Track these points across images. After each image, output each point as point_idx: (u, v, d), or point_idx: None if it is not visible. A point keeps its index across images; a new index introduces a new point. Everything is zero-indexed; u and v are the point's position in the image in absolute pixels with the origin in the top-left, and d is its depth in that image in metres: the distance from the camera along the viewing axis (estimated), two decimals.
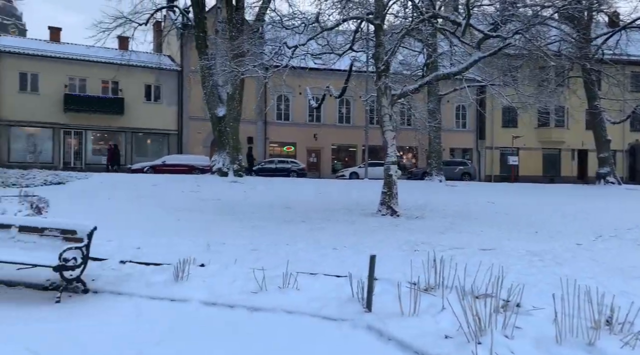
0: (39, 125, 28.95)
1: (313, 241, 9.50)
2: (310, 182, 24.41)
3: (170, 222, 11.41)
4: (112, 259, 7.01)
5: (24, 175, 18.32)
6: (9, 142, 28.24)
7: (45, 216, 10.93)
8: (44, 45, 31.15)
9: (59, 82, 29.29)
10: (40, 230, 5.57)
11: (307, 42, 15.07)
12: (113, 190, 16.91)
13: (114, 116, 30.56)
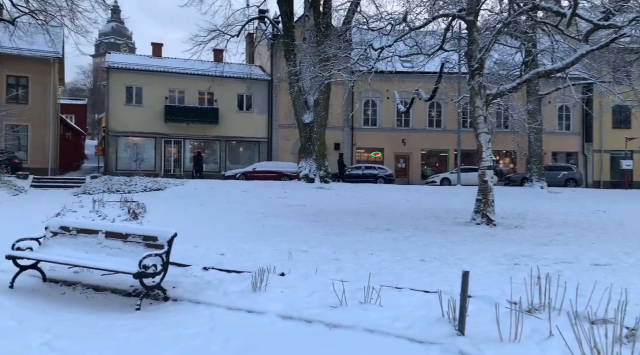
0: (143, 135, 31.05)
1: (399, 251, 8.95)
2: (398, 188, 23.69)
3: (256, 228, 11.43)
4: (196, 265, 7.01)
5: (127, 182, 19.58)
6: (117, 152, 30.58)
7: (140, 221, 11.43)
8: (147, 60, 33.48)
9: (160, 95, 31.26)
10: (124, 236, 5.63)
11: (394, 44, 14.55)
12: (206, 196, 17.50)
13: (210, 125, 31.97)
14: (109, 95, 30.84)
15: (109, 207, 13.79)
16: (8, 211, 13.27)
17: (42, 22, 23.19)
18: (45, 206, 14.01)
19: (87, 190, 18.15)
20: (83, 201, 14.94)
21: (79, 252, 5.68)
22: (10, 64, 26.95)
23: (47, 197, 16.93)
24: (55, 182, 22.01)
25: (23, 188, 18.38)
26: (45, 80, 28.84)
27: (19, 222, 11.16)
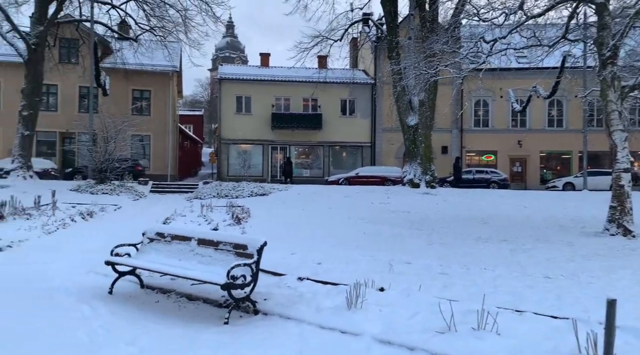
0: (251, 143, 32.20)
1: (517, 266, 7.86)
2: (514, 194, 21.77)
3: (356, 235, 10.91)
4: (291, 274, 6.64)
5: (235, 187, 20.19)
6: (228, 159, 32.04)
7: (243, 226, 11.46)
8: (255, 70, 34.75)
9: (267, 103, 32.22)
10: (215, 243, 5.41)
11: (509, 35, 13.22)
12: (308, 201, 17.39)
13: (313, 131, 32.25)
14: (221, 105, 32.44)
15: (217, 211, 14.15)
16: (127, 215, 14.17)
17: (160, 37, 24.97)
18: (160, 210, 14.77)
19: (199, 196, 18.97)
20: (194, 206, 15.53)
21: (172, 259, 5.57)
22: (134, 79, 29.41)
23: (163, 202, 17.95)
24: (172, 188, 23.47)
25: (143, 193, 19.73)
26: (165, 92, 31.11)
27: (133, 225, 11.78)
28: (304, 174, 32.71)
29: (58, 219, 11.58)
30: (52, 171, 25.97)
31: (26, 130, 20.60)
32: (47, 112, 28.49)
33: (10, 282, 5.95)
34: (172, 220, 11.74)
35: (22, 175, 19.85)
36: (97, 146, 20.18)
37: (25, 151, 20.61)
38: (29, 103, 20.71)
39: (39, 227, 10.23)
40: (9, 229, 9.74)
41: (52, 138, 29.17)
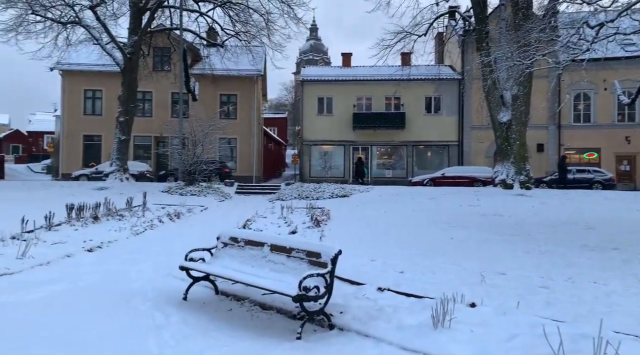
0: (333, 143, 32.07)
1: (634, 280, 6.78)
2: (622, 195, 19.58)
3: (442, 240, 10.17)
4: (370, 284, 6.16)
5: (316, 188, 20.05)
6: (310, 160, 32.17)
7: (322, 228, 11.15)
8: (337, 71, 34.62)
9: (349, 103, 31.92)
10: (288, 250, 5.08)
11: (617, 19, 11.73)
12: (390, 203, 16.78)
13: (396, 130, 31.44)
14: (303, 106, 32.66)
15: (297, 213, 14.02)
16: (212, 216, 14.47)
17: (245, 42, 25.55)
18: (243, 212, 14.93)
19: (281, 197, 19.05)
20: (275, 207, 15.54)
21: (245, 266, 5.33)
22: (221, 84, 30.44)
23: (247, 203, 18.23)
24: (256, 189, 23.89)
25: (229, 194, 20.21)
26: (250, 96, 31.88)
27: (217, 226, 11.91)
28: (386, 174, 32.01)
29: (147, 220, 12.01)
30: (147, 173, 27.55)
31: (123, 135, 21.98)
32: (143, 117, 30.34)
33: (92, 284, 6.05)
34: (253, 222, 11.72)
35: (119, 178, 21.19)
36: (186, 149, 21.02)
37: (122, 155, 22.03)
38: (125, 109, 22.08)
39: (128, 228, 10.62)
40: (101, 230, 10.20)
41: (148, 142, 31.00)
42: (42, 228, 9.65)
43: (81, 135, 30.95)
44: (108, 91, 30.04)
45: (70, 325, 4.51)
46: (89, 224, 10.88)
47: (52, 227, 9.86)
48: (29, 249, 7.40)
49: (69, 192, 18.05)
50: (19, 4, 20.77)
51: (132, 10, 22.91)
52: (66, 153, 31.00)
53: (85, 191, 18.30)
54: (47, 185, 20.64)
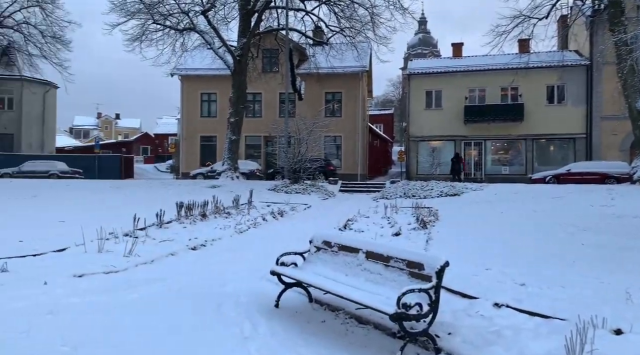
0: (442, 139, 30.54)
1: None
2: None
3: (571, 246, 8.82)
4: (485, 298, 5.33)
5: (423, 186, 19.06)
6: (417, 157, 30.97)
7: (429, 231, 10.34)
8: (446, 62, 32.93)
9: (459, 95, 30.18)
10: (385, 258, 4.48)
11: None
12: (506, 202, 15.33)
13: (513, 123, 29.06)
14: (410, 101, 31.54)
15: (402, 213, 13.29)
16: (314, 214, 14.27)
17: (350, 38, 25.21)
18: (345, 210, 14.53)
19: (385, 195, 18.38)
20: (379, 206, 14.93)
21: (338, 274, 4.83)
22: (326, 82, 30.43)
23: (350, 201, 17.83)
24: (360, 187, 23.46)
25: (332, 193, 20.00)
26: (355, 93, 31.52)
27: (318, 225, 11.63)
28: (502, 171, 29.75)
29: (252, 218, 12.09)
30: (257, 172, 28.43)
31: (233, 135, 22.80)
32: (253, 118, 31.42)
33: (188, 286, 5.96)
34: (354, 222, 11.24)
35: (230, 176, 22.00)
36: (291, 148, 21.21)
37: (233, 154, 22.86)
38: (235, 110, 22.87)
39: (233, 227, 10.71)
40: (207, 228, 10.39)
41: (258, 141, 32.04)
42: (154, 225, 10.05)
43: (198, 136, 32.90)
44: (222, 94, 31.53)
45: (156, 333, 4.34)
46: (197, 221, 11.17)
47: (163, 224, 10.24)
48: (135, 247, 7.62)
49: (185, 190, 19.06)
50: (141, 15, 22.46)
51: (241, 13, 23.68)
52: (185, 153, 33.17)
53: (199, 189, 19.21)
54: (166, 184, 22.07)
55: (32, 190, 18.18)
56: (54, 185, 20.75)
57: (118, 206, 14.11)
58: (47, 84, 35.14)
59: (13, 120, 34.80)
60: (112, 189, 19.28)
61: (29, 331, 4.23)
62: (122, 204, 14.72)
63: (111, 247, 7.71)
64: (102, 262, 6.91)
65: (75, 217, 11.55)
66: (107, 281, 6.10)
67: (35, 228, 10.15)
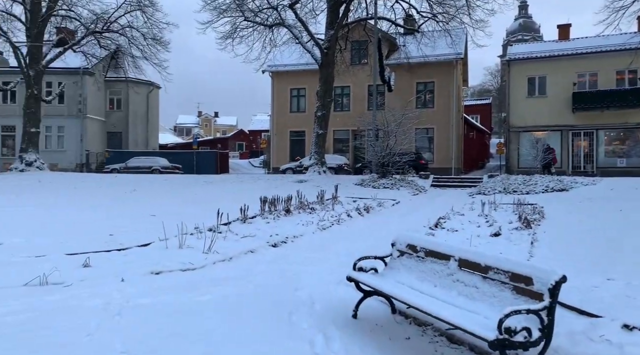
0: (546, 129, 27.99)
1: None
2: None
3: None
4: (610, 317, 4.35)
5: (526, 181, 17.41)
6: (518, 149, 28.68)
7: (533, 231, 9.17)
8: (551, 45, 30.12)
9: (566, 81, 27.44)
10: (483, 269, 3.71)
11: None
12: (627, 199, 13.44)
13: (632, 110, 25.86)
14: (510, 89, 29.30)
15: (501, 210, 12.07)
16: (403, 211, 13.47)
17: (443, 24, 23.84)
18: (437, 207, 13.59)
19: (482, 191, 17.04)
20: (475, 203, 13.76)
21: (425, 284, 4.13)
22: (418, 72, 29.17)
23: (442, 197, 16.75)
24: (453, 182, 22.09)
25: (423, 188, 18.96)
26: (448, 82, 29.91)
27: (406, 223, 10.87)
28: (618, 164, 26.65)
29: (336, 213, 11.60)
30: (345, 166, 28.02)
31: (320, 129, 22.51)
32: (341, 111, 31.04)
33: (261, 288, 5.57)
34: (446, 220, 10.31)
35: (317, 171, 21.75)
36: (379, 141, 20.45)
37: (320, 148, 22.57)
38: (322, 104, 22.55)
39: (316, 223, 10.29)
40: (289, 224, 10.05)
41: (346, 135, 31.61)
42: (238, 220, 9.92)
43: (288, 131, 33.21)
44: (311, 88, 31.48)
45: (215, 344, 3.95)
46: (281, 217, 10.90)
47: (247, 220, 10.07)
48: (216, 243, 7.43)
49: (272, 184, 19.12)
50: (232, 12, 22.90)
51: (329, 5, 23.29)
52: (276, 148, 33.65)
53: (286, 183, 19.16)
54: (256, 179, 22.37)
55: (133, 184, 19.24)
56: (153, 180, 21.89)
57: (208, 200, 14.34)
58: (150, 84, 37.43)
59: (121, 119, 37.55)
60: (205, 184, 19.86)
61: (93, 334, 4.04)
62: (212, 198, 14.96)
63: (192, 243, 7.58)
64: (181, 258, 6.77)
65: (166, 210, 11.83)
66: (182, 279, 5.90)
67: (128, 221, 10.48)
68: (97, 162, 34.30)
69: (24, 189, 17.57)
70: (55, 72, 31.31)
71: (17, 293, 5.12)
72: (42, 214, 11.50)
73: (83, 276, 5.79)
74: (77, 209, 12.63)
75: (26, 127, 25.60)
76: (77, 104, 33.65)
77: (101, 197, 15.37)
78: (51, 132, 33.55)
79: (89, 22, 26.83)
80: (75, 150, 33.75)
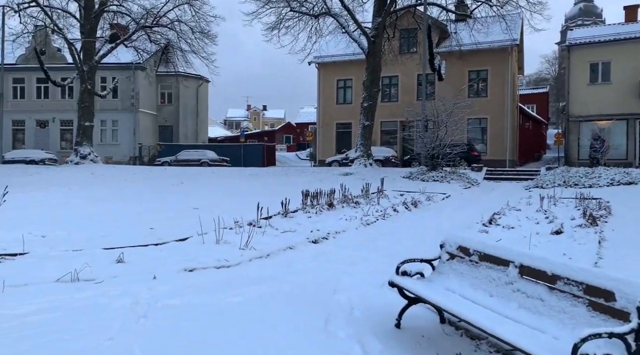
0: (610, 118, 26.08)
1: None
2: None
3: None
4: None
5: (588, 173, 16.18)
6: (578, 139, 26.91)
7: (600, 229, 8.32)
8: (616, 28, 27.97)
9: (633, 66, 25.42)
10: (549, 278, 3.14)
11: None
12: None
13: None
14: (570, 76, 27.51)
15: (562, 205, 11.17)
16: (454, 206, 12.76)
17: (497, 8, 22.62)
18: (491, 202, 12.80)
19: (540, 184, 15.98)
20: (532, 197, 12.87)
21: (479, 293, 3.59)
22: (470, 59, 27.92)
23: (496, 191, 15.83)
24: (508, 175, 20.94)
25: (476, 181, 18.05)
26: (503, 70, 28.47)
27: (457, 219, 10.21)
28: None
29: (382, 208, 11.09)
30: (392, 158, 27.29)
31: (366, 120, 21.89)
32: (389, 102, 30.28)
33: (297, 289, 5.17)
34: (501, 216, 9.57)
35: (364, 163, 21.18)
36: (429, 132, 19.63)
37: (366, 140, 21.97)
38: (369, 94, 21.90)
39: (359, 218, 9.82)
40: (331, 219, 9.64)
41: (394, 127, 30.77)
42: (279, 214, 9.61)
43: (334, 123, 32.74)
44: (357, 79, 30.82)
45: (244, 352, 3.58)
46: (324, 211, 10.52)
47: (288, 214, 9.75)
48: (253, 238, 7.12)
49: (317, 177, 18.77)
50: (279, 3, 22.62)
51: None
52: (322, 141, 33.28)
53: (331, 176, 18.77)
54: (301, 171, 22.09)
55: (181, 177, 19.43)
56: (200, 173, 22.06)
57: (251, 193, 14.16)
58: (199, 78, 37.93)
59: (171, 113, 38.33)
60: (250, 177, 19.78)
61: (115, 338, 3.78)
62: (255, 191, 14.78)
63: (230, 238, 7.31)
64: (217, 254, 6.51)
65: (209, 203, 11.71)
66: (216, 278, 5.61)
67: (172, 213, 10.41)
68: (149, 155, 35.18)
69: (77, 181, 18.08)
70: (108, 68, 32.27)
71: (48, 289, 4.98)
72: (89, 207, 11.64)
73: (115, 273, 5.61)
74: (124, 201, 12.75)
75: (81, 121, 26.46)
76: (130, 98, 34.58)
77: (149, 190, 15.54)
78: (106, 126, 34.68)
79: (139, 17, 27.35)
80: (129, 144, 34.74)
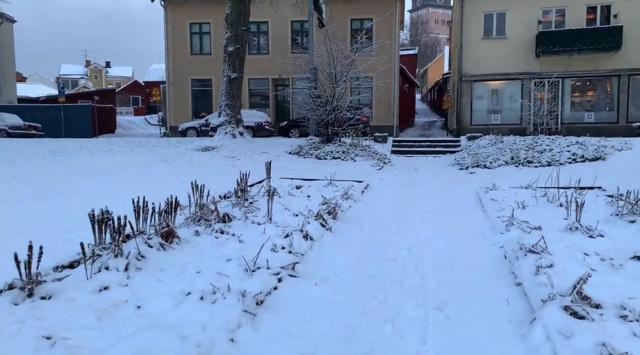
0: (505, 78, 23.38)
1: None
2: None
3: None
4: None
5: (531, 146, 12.29)
6: (471, 102, 23.91)
7: None
8: None
9: (530, 19, 22.74)
10: None
11: None
12: None
13: (605, 54, 21.80)
14: (463, 29, 24.06)
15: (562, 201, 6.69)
16: (391, 209, 7.65)
17: None
18: (436, 192, 7.96)
19: (477, 161, 11.63)
20: (496, 185, 8.30)
21: None
22: (353, 5, 23.01)
23: (422, 172, 11.18)
24: (420, 146, 16.39)
25: (385, 156, 13.23)
26: (389, 21, 24.12)
27: (435, 249, 5.06)
28: (586, 118, 22.84)
29: (277, 231, 5.48)
30: (266, 125, 21.64)
31: (233, 71, 15.58)
32: (258, 54, 24.35)
33: None
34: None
35: (231, 132, 15.08)
36: (320, 91, 14.23)
37: (234, 100, 15.70)
38: (235, 34, 15.59)
39: (231, 274, 4.08)
40: (152, 299, 3.79)
41: (265, 86, 24.98)
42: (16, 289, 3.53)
43: (189, 79, 25.82)
44: (217, 24, 24.22)
45: None
46: (142, 260, 4.60)
47: (38, 284, 3.72)
48: None
49: (162, 156, 12.39)
50: None
51: None
52: (173, 102, 26.21)
53: (183, 154, 12.50)
54: (137, 145, 15.27)
55: None
56: None
57: (23, 196, 7.57)
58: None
59: None
60: (48, 155, 12.58)
61: None
62: (36, 189, 8.13)
63: None
64: None
65: None
66: None
67: None
68: None
69: None
70: None
71: None
72: None
73: None
74: None
75: None
76: None
77: None
78: None
79: None
80: None
